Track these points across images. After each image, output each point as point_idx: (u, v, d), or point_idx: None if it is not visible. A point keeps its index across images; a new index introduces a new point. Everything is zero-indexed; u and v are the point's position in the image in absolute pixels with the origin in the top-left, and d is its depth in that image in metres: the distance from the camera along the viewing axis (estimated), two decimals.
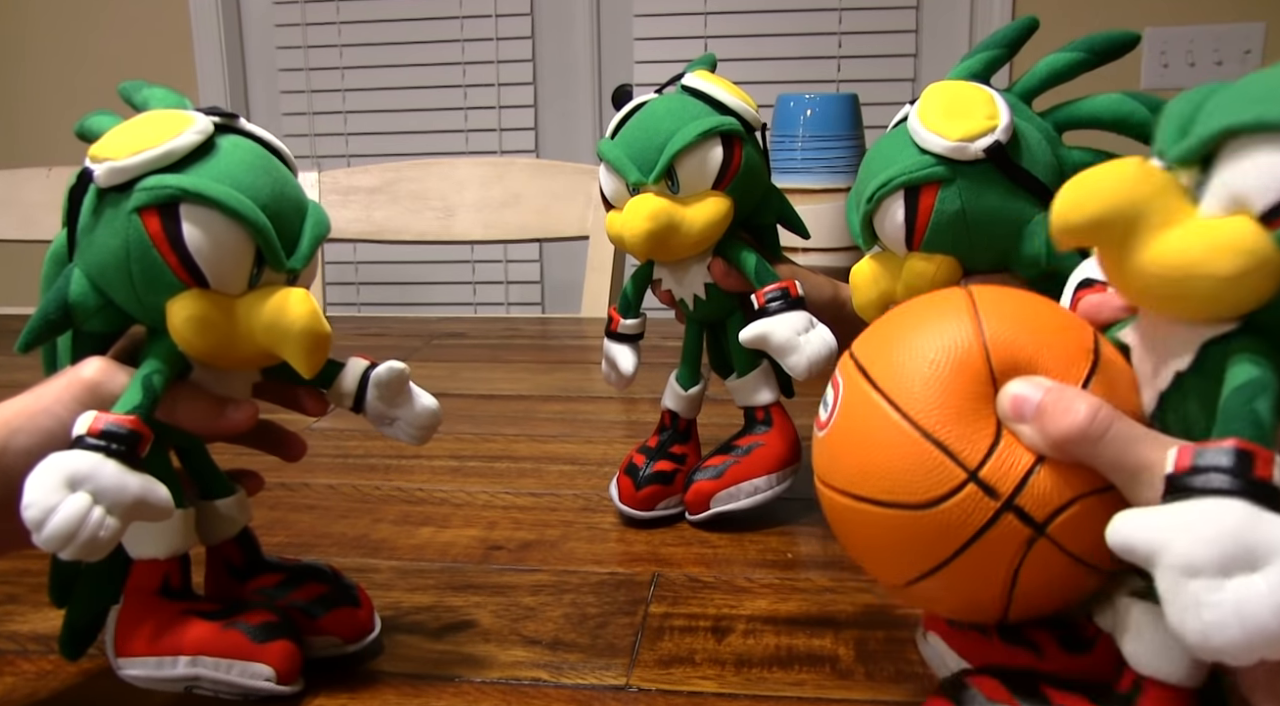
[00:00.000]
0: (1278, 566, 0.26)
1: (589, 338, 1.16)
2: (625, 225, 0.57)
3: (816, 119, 1.04)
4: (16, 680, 0.46)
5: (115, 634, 0.44)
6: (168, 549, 0.44)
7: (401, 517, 0.65)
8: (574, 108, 2.14)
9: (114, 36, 2.20)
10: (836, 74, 1.99)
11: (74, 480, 0.35)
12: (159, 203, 0.38)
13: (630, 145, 0.57)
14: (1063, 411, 0.32)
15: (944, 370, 0.34)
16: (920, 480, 0.33)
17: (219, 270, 0.39)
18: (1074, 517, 0.32)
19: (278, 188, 0.41)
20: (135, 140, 0.39)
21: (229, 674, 0.43)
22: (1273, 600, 0.26)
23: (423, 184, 1.40)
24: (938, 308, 0.36)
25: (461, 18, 2.10)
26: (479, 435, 0.80)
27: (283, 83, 2.20)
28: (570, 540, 0.61)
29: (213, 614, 0.44)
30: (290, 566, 0.48)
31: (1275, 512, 0.27)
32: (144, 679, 0.43)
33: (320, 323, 0.40)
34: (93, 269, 0.40)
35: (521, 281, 2.21)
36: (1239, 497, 0.27)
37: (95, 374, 0.40)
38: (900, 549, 0.34)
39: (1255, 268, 0.28)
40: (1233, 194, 0.29)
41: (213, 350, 0.40)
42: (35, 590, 0.55)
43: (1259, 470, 0.27)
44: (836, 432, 0.36)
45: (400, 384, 0.46)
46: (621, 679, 0.46)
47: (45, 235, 1.43)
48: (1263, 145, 0.28)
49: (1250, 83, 0.30)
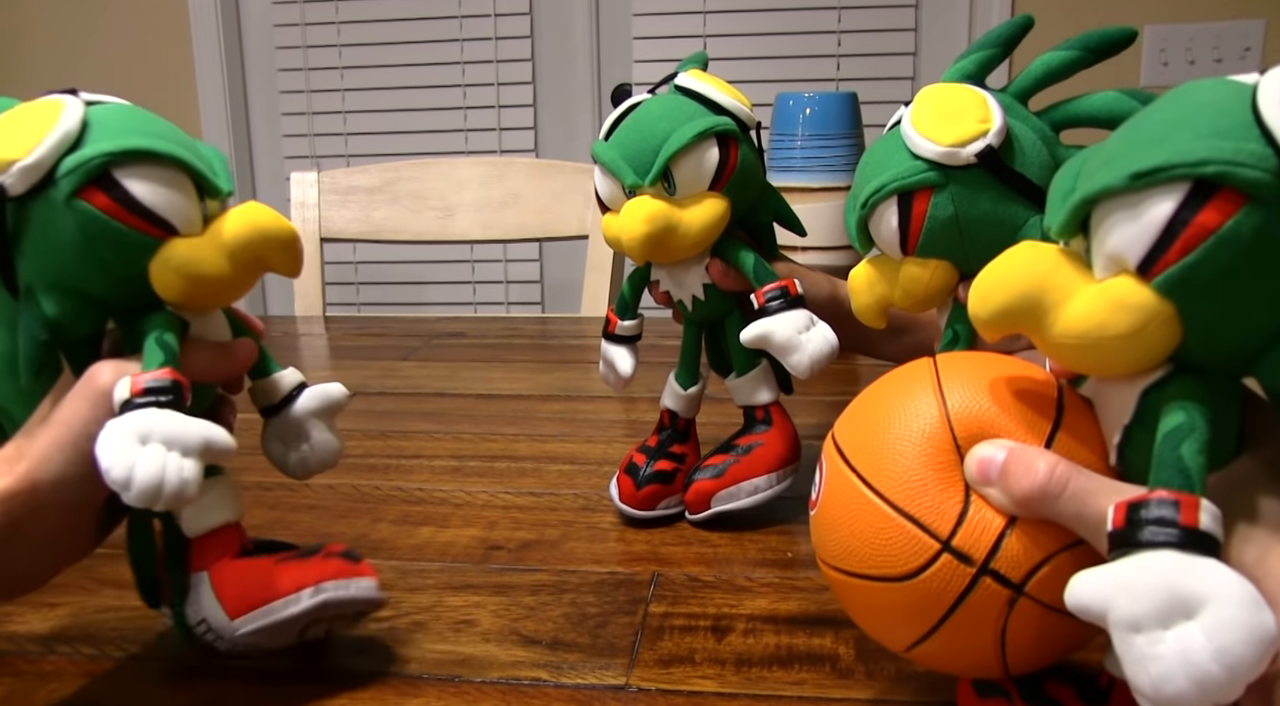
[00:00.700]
0: (1211, 611, 0.27)
1: (588, 337, 1.16)
2: (623, 229, 0.57)
3: (816, 118, 1.04)
4: (17, 681, 0.46)
5: (220, 601, 0.44)
6: (236, 510, 0.45)
7: (401, 517, 0.65)
8: (573, 107, 2.14)
9: (112, 37, 2.20)
10: (836, 72, 1.99)
11: (142, 435, 0.37)
12: (92, 176, 0.38)
13: (625, 147, 0.57)
14: (1023, 471, 0.33)
15: (910, 446, 0.35)
16: (898, 553, 0.35)
17: (178, 212, 0.40)
18: (1050, 574, 0.33)
19: (168, 128, 0.42)
20: (25, 136, 0.38)
21: (350, 591, 0.45)
22: (1211, 647, 0.26)
23: (422, 184, 1.40)
24: (904, 385, 0.38)
25: (460, 17, 2.10)
26: (479, 435, 0.80)
27: (282, 83, 2.20)
28: (570, 540, 0.61)
29: (302, 553, 0.46)
30: (293, 544, 0.49)
31: (1206, 556, 0.28)
32: (268, 628, 0.43)
33: (284, 220, 0.42)
34: (54, 276, 0.39)
35: (521, 281, 2.21)
36: (1168, 549, 0.28)
37: (111, 376, 0.40)
38: (893, 617, 0.36)
39: (1146, 320, 0.29)
40: (1109, 255, 0.31)
41: (208, 290, 0.41)
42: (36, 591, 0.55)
43: (1184, 518, 0.28)
44: (823, 512, 0.38)
45: (338, 407, 0.48)
46: (621, 678, 0.46)
47: None
48: (1119, 206, 0.30)
49: (1110, 144, 0.32)
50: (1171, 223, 0.28)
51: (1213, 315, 0.29)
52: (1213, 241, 0.28)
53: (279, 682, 0.46)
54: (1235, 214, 0.28)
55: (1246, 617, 0.26)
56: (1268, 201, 0.27)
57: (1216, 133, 0.28)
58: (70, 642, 0.50)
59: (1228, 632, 0.26)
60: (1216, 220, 0.28)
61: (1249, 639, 0.26)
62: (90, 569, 0.57)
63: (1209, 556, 0.28)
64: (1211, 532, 0.28)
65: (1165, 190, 0.29)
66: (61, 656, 0.48)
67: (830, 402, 0.86)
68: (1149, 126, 0.30)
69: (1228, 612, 0.26)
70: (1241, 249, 0.28)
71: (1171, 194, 0.28)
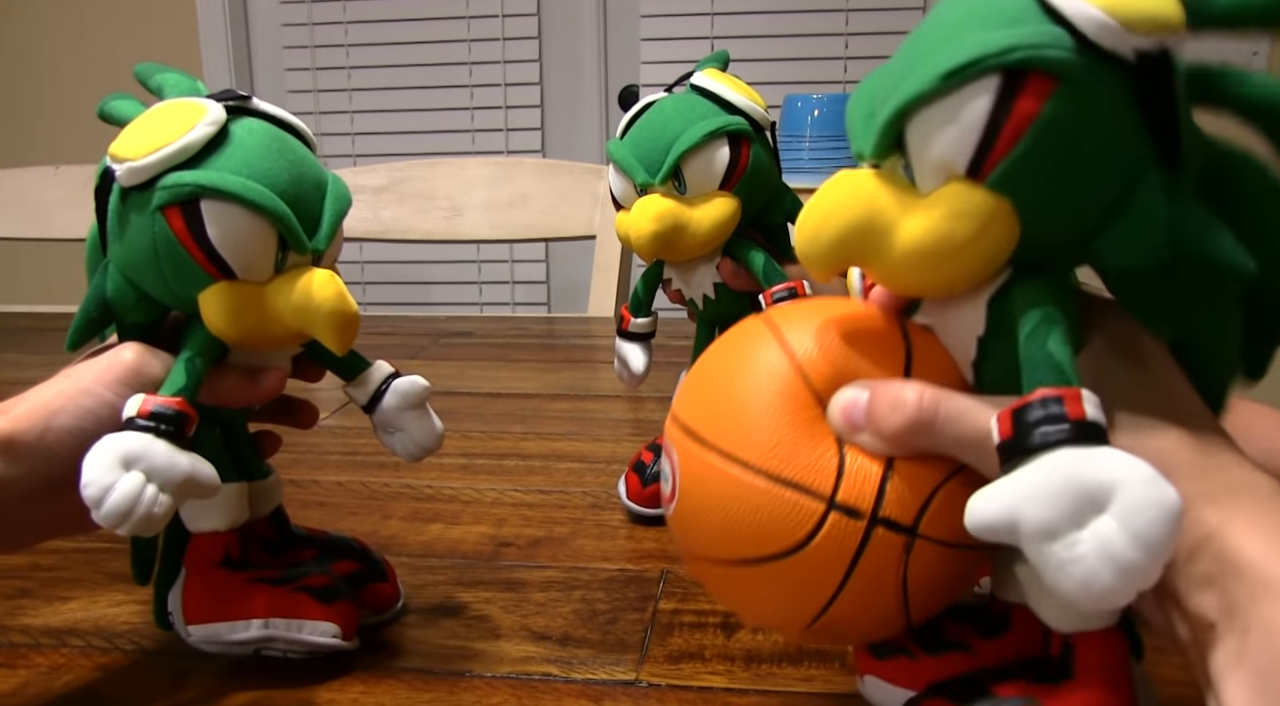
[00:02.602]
0: (1120, 498, 0.26)
1: (595, 337, 1.16)
2: (632, 226, 0.57)
3: (824, 119, 1.05)
4: (30, 673, 0.47)
5: (183, 604, 0.46)
6: (227, 521, 0.45)
7: (411, 514, 0.65)
8: (580, 108, 2.14)
9: (121, 37, 2.21)
10: (843, 75, 1.99)
11: (128, 459, 0.37)
12: (180, 200, 0.39)
13: (638, 146, 0.57)
14: (890, 406, 0.31)
15: (769, 407, 0.33)
16: (781, 524, 0.32)
17: (244, 261, 0.40)
18: (940, 509, 0.32)
19: (295, 170, 0.42)
20: (151, 138, 0.39)
21: (300, 633, 0.45)
22: (1128, 533, 0.26)
23: (430, 183, 1.40)
24: (744, 346, 0.35)
25: (468, 18, 2.10)
26: (487, 433, 0.80)
27: (289, 82, 2.21)
28: (579, 537, 0.61)
29: (277, 580, 0.46)
30: (320, 540, 0.51)
31: (1101, 445, 0.27)
32: (216, 643, 0.46)
33: (347, 302, 0.41)
34: (125, 265, 0.41)
35: (527, 281, 2.21)
36: (1065, 446, 0.27)
37: (134, 356, 0.42)
38: (789, 597, 0.33)
39: (986, 220, 0.29)
40: (934, 165, 0.30)
41: (246, 336, 0.42)
42: (47, 584, 0.55)
43: (1071, 411, 0.27)
44: (685, 503, 0.35)
45: (420, 399, 0.48)
46: (632, 674, 0.46)
47: (55, 233, 1.43)
48: (934, 113, 0.29)
49: (897, 61, 0.31)
50: (992, 117, 0.28)
51: (1046, 204, 0.29)
52: (1035, 128, 0.28)
53: (290, 677, 0.46)
54: (1050, 97, 0.27)
55: (1154, 495, 0.26)
56: (1076, 80, 0.27)
57: (1008, 22, 0.28)
58: (82, 636, 0.50)
59: (1140, 515, 0.26)
60: (1034, 107, 0.27)
61: (1160, 517, 0.26)
62: (101, 563, 0.57)
63: (1103, 444, 0.27)
64: (1099, 421, 0.28)
65: (977, 87, 0.28)
66: (74, 649, 0.49)
67: None
68: (936, 32, 0.30)
69: (1137, 495, 0.26)
70: (1063, 130, 0.27)
71: (984, 89, 0.28)
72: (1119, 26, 0.27)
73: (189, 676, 0.46)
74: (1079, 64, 0.27)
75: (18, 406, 0.40)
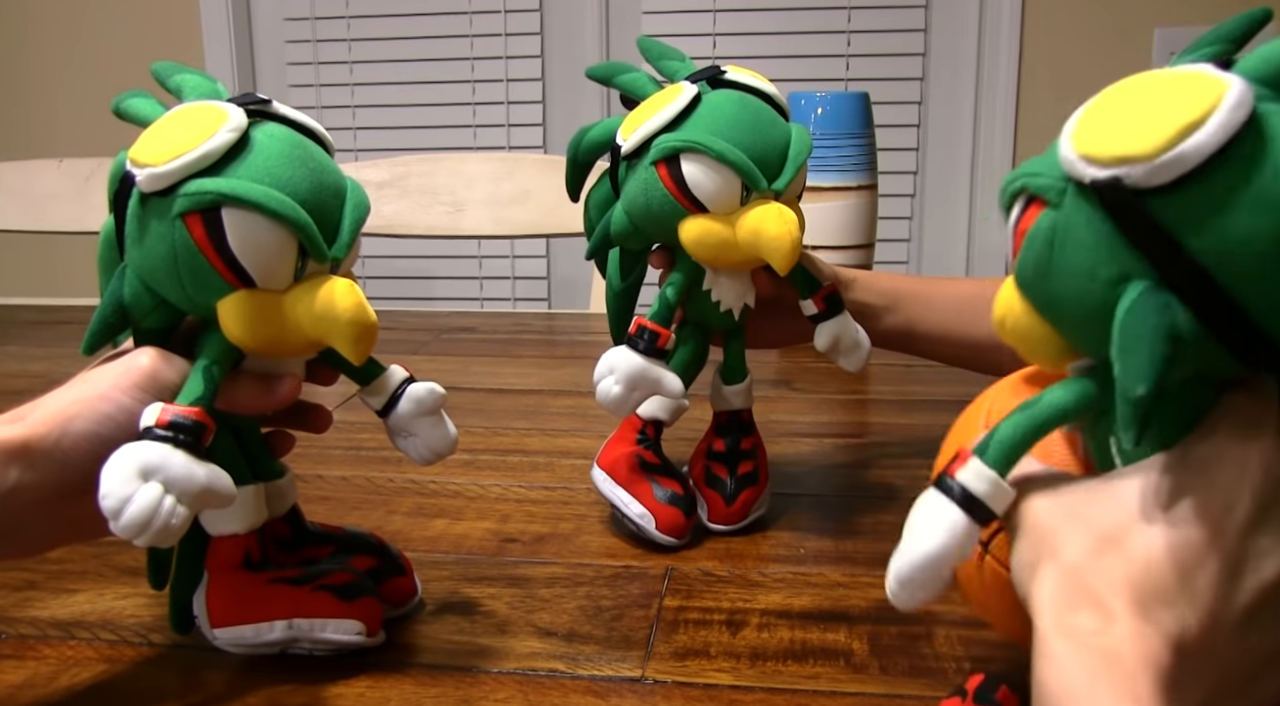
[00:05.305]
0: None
1: (596, 333, 1.16)
2: (780, 231, 0.52)
3: (827, 117, 1.05)
4: (39, 665, 0.47)
5: (207, 608, 0.46)
6: (247, 523, 0.45)
7: (415, 510, 0.65)
8: (582, 104, 2.14)
9: (123, 30, 2.21)
10: (845, 72, 1.99)
11: (146, 470, 0.37)
12: (201, 208, 0.39)
13: (750, 149, 0.53)
14: None
15: None
16: None
17: (264, 270, 0.40)
18: (1003, 538, 0.38)
19: (316, 177, 0.42)
20: (173, 143, 0.39)
21: (324, 632, 0.46)
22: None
23: (432, 179, 1.40)
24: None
25: (470, 13, 2.10)
26: (490, 429, 0.80)
27: (291, 77, 2.20)
28: (583, 533, 0.61)
29: (298, 579, 0.46)
30: (337, 536, 0.51)
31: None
32: (243, 645, 0.46)
33: (366, 312, 0.41)
34: (143, 271, 0.41)
35: (528, 277, 2.21)
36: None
37: (151, 362, 0.42)
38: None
39: (1004, 311, 0.36)
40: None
41: (265, 344, 0.42)
42: (54, 577, 0.55)
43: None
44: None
45: (436, 406, 0.49)
46: (637, 670, 0.46)
47: (56, 226, 1.43)
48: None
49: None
50: (1013, 230, 0.34)
51: (1047, 305, 0.34)
52: (1026, 240, 0.33)
53: (297, 671, 0.46)
54: (1040, 215, 0.33)
55: None
56: (1058, 203, 0.32)
57: (1043, 158, 0.33)
58: (90, 628, 0.50)
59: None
60: (1029, 222, 0.33)
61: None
62: (108, 557, 0.58)
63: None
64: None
65: (1015, 205, 0.34)
66: (81, 642, 0.49)
67: (841, 401, 0.87)
68: None
69: None
70: (1046, 241, 0.32)
71: (1016, 205, 0.34)
72: (1077, 157, 0.31)
73: (197, 668, 0.47)
74: (1060, 189, 0.32)
75: (34, 412, 0.40)
